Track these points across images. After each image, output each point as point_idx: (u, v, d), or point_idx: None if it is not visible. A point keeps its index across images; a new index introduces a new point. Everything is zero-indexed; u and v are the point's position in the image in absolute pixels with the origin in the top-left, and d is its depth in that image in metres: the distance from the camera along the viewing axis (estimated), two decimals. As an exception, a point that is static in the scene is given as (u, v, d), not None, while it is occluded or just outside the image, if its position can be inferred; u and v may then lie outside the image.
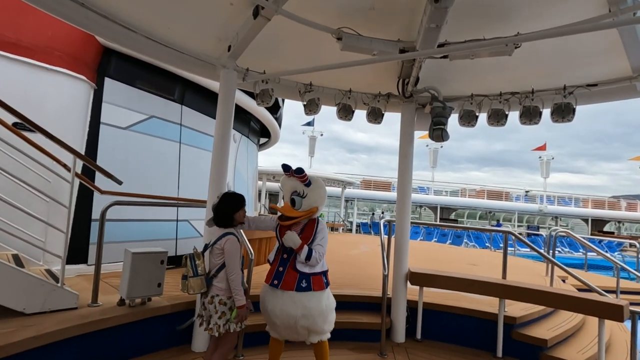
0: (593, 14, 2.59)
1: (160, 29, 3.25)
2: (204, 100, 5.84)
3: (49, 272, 3.56)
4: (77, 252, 4.14)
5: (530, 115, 3.56)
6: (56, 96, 4.13)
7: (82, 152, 4.24)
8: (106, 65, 4.56)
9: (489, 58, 3.10)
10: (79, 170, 3.85)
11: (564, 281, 6.41)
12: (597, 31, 2.58)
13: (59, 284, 2.88)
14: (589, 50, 3.14)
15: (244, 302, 2.52)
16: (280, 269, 2.68)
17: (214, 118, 3.57)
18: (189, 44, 3.48)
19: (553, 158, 29.45)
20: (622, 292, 6.46)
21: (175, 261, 4.91)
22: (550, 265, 5.97)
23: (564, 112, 3.38)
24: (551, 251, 6.32)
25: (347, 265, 6.21)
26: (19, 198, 3.13)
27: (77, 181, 3.70)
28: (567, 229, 31.04)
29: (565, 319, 4.06)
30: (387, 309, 3.80)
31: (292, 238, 2.61)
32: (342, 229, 18.29)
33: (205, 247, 2.70)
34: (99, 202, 4.32)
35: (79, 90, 4.29)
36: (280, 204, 2.99)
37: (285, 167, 2.80)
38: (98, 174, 3.91)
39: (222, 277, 2.56)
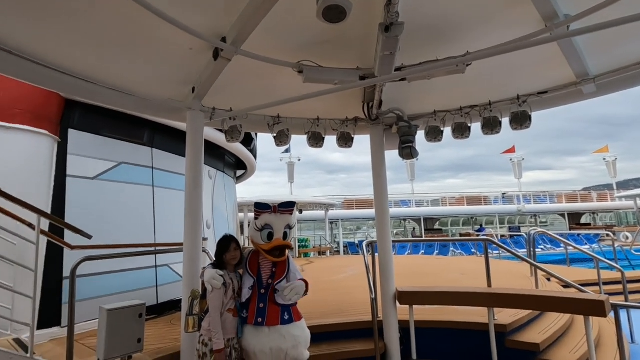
0: (532, 30, 2.79)
1: (122, 79, 3.25)
2: (174, 141, 5.79)
3: (18, 341, 3.32)
4: (48, 314, 3.89)
5: (491, 126, 3.72)
6: (18, 154, 4.00)
7: (49, 207, 4.08)
8: (70, 117, 4.48)
9: (446, 76, 3.26)
10: (45, 227, 3.68)
11: (549, 280, 6.51)
12: (538, 45, 2.77)
13: (28, 355, 2.69)
14: (535, 60, 3.35)
15: (220, 346, 2.49)
16: (261, 305, 2.67)
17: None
18: (153, 90, 3.49)
19: (523, 159, 30.56)
20: (605, 284, 6.61)
21: (157, 310, 4.71)
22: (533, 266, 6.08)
23: (521, 120, 3.55)
24: (532, 250, 6.46)
25: (336, 291, 6.12)
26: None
27: (45, 239, 3.54)
28: (547, 225, 32.06)
29: (554, 320, 4.10)
30: (379, 333, 3.74)
31: (298, 286, 2.70)
32: (330, 252, 18.11)
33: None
34: (70, 258, 4.13)
35: (41, 146, 4.17)
36: (261, 239, 2.97)
37: (263, 206, 2.83)
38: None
39: (208, 317, 2.58)
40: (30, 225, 3.33)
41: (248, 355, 2.63)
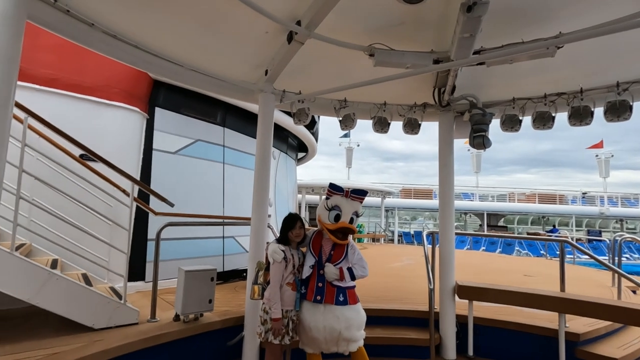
0: (644, 6, 2.43)
1: (203, 62, 3.50)
2: (244, 122, 6.13)
3: (112, 289, 3.86)
4: (135, 270, 4.46)
5: (580, 116, 3.36)
6: (114, 128, 4.55)
7: (138, 177, 4.61)
8: (156, 96, 4.96)
9: (529, 60, 2.99)
10: (135, 194, 4.18)
11: (634, 292, 5.81)
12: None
13: (122, 301, 3.13)
14: (643, 43, 2.92)
15: (277, 315, 2.65)
16: (320, 284, 2.79)
17: (254, 137, 3.74)
18: (229, 72, 3.71)
19: (612, 156, 26.94)
20: None
21: (223, 277, 5.12)
22: (616, 275, 5.46)
23: (619, 111, 3.15)
24: (617, 259, 5.80)
25: (391, 279, 6.10)
26: (86, 222, 3.47)
27: (134, 203, 4.02)
28: (635, 232, 28.15)
29: (639, 336, 3.68)
30: (435, 324, 3.69)
31: (331, 271, 2.77)
32: (384, 240, 17.97)
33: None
34: (153, 223, 4.65)
35: (133, 121, 4.70)
36: (328, 219, 3.08)
37: (337, 187, 2.89)
38: (152, 197, 4.22)
39: (269, 288, 2.78)
40: (124, 192, 3.81)
41: (303, 328, 2.78)
